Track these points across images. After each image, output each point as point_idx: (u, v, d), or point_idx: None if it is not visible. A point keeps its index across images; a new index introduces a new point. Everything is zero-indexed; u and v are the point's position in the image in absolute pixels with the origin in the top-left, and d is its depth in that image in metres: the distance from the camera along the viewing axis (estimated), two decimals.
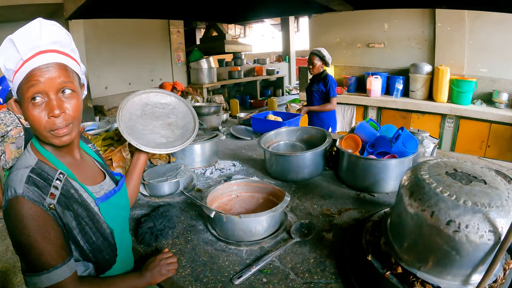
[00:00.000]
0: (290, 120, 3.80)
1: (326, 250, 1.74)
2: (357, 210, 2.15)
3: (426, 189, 1.31)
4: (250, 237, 1.78)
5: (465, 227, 1.18)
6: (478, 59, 7.05)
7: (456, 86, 6.73)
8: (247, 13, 5.85)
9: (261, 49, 21.12)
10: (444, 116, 6.81)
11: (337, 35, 8.43)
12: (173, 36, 10.57)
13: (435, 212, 1.24)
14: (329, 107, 4.99)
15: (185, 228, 2.01)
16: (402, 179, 1.48)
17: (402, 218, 1.39)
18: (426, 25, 7.39)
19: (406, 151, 2.38)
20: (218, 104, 4.32)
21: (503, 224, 1.19)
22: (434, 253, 1.27)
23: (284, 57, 16.18)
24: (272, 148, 2.96)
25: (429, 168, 1.45)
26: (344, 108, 7.55)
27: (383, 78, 7.54)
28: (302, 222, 1.94)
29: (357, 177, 2.47)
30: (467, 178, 1.38)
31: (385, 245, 1.49)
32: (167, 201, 2.37)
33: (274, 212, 1.77)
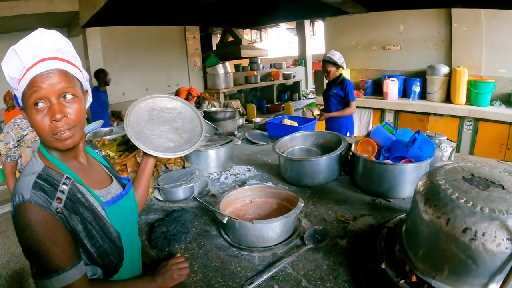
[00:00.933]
0: (306, 125, 3.78)
1: (340, 257, 1.71)
2: (372, 216, 2.12)
3: (442, 195, 1.28)
4: (263, 243, 1.77)
5: (482, 235, 1.14)
6: (496, 59, 6.88)
7: (474, 88, 6.60)
8: (262, 18, 5.86)
9: (277, 54, 21.15)
10: (463, 119, 6.68)
11: (352, 38, 8.39)
12: (189, 42, 10.69)
13: (450, 219, 1.21)
14: (348, 111, 4.95)
15: (198, 233, 2.01)
16: (417, 185, 1.45)
17: (417, 225, 1.36)
18: (442, 25, 7.27)
19: (423, 155, 2.34)
20: (234, 109, 4.32)
21: None
22: (449, 261, 1.24)
23: (300, 61, 16.19)
24: (287, 153, 2.94)
25: (445, 173, 1.41)
26: (360, 111, 7.49)
27: (400, 80, 7.46)
28: (316, 228, 1.92)
29: (372, 182, 2.43)
30: (484, 183, 1.34)
31: (399, 253, 1.46)
32: (181, 206, 2.38)
33: (287, 218, 1.75)
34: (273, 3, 4.65)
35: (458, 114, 6.70)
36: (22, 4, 6.33)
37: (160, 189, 2.47)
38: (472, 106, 6.64)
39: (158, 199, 2.48)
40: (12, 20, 6.65)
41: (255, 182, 2.69)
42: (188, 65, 10.88)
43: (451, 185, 1.31)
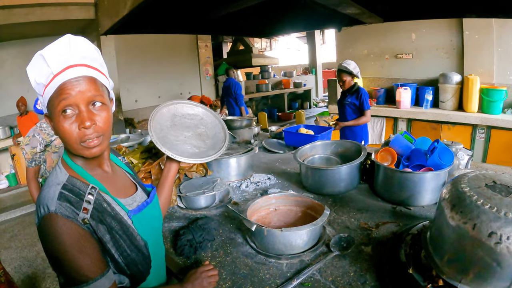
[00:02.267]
0: (323, 134, 3.82)
1: (366, 264, 1.74)
2: (395, 223, 2.15)
3: (467, 202, 1.33)
4: (290, 250, 1.79)
5: (507, 239, 1.19)
6: (507, 66, 6.87)
7: (486, 95, 6.59)
8: (274, 28, 5.91)
9: (288, 62, 21.17)
10: (475, 127, 6.68)
11: (364, 47, 8.43)
12: (201, 50, 10.77)
13: (477, 224, 1.25)
14: (364, 120, 4.99)
15: (224, 241, 2.04)
16: (442, 192, 1.49)
17: (443, 231, 1.40)
18: (453, 33, 7.28)
19: (442, 163, 2.37)
20: (250, 117, 4.36)
21: None
22: (475, 265, 1.28)
23: (311, 69, 16.21)
24: (307, 162, 2.98)
25: (469, 181, 1.46)
26: (373, 120, 7.52)
27: (412, 89, 7.47)
28: (341, 235, 1.94)
29: (393, 191, 2.46)
30: (506, 190, 1.39)
31: (425, 258, 1.50)
32: (203, 214, 2.40)
33: (315, 226, 1.78)
34: (287, 13, 4.71)
35: (471, 122, 6.69)
36: (37, 11, 6.38)
37: (182, 196, 2.51)
38: (485, 114, 6.63)
39: (180, 207, 2.51)
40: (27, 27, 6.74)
41: (278, 190, 2.72)
42: (200, 73, 10.96)
43: (476, 192, 1.36)
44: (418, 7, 4.24)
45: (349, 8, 3.56)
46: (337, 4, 3.41)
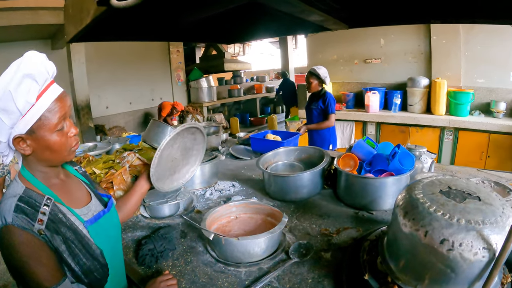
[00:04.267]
0: (289, 139, 3.83)
1: (324, 270, 1.75)
2: (355, 229, 2.16)
3: (420, 209, 1.34)
4: (249, 258, 1.79)
5: (459, 246, 1.21)
6: (474, 70, 7.10)
7: (453, 98, 6.78)
8: (245, 34, 5.90)
9: (260, 67, 21.22)
10: (443, 129, 6.84)
11: (334, 52, 8.52)
12: (173, 55, 10.69)
13: (428, 231, 1.26)
14: (326, 124, 5.02)
15: (185, 249, 2.02)
16: (397, 199, 1.51)
17: (398, 237, 1.41)
18: (421, 38, 7.47)
19: (403, 168, 2.41)
20: (218, 124, 4.33)
21: (497, 241, 1.21)
22: (429, 271, 1.29)
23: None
24: (270, 169, 2.98)
25: (423, 187, 1.48)
26: (343, 124, 7.59)
27: (381, 93, 7.59)
28: (300, 242, 1.95)
29: (355, 196, 2.49)
30: (461, 195, 1.40)
31: (381, 264, 1.51)
32: (167, 223, 2.37)
33: (272, 234, 1.78)
34: (256, 20, 4.71)
35: (439, 124, 6.86)
36: (7, 15, 6.26)
37: (146, 206, 2.48)
38: (452, 116, 6.82)
39: (144, 216, 2.47)
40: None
41: (240, 198, 2.71)
42: (172, 79, 10.86)
43: (429, 198, 1.38)
44: (382, 14, 4.29)
45: (313, 15, 3.58)
46: (299, 12, 3.42)
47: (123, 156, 2.86)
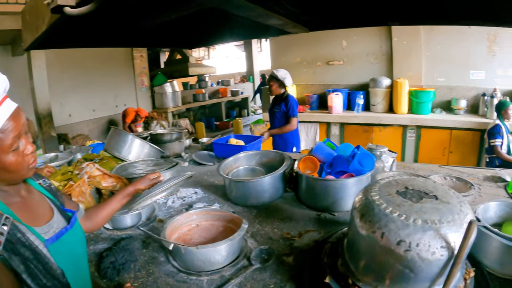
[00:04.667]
0: (252, 143, 3.82)
1: (287, 275, 1.75)
2: (317, 231, 2.18)
3: (376, 211, 1.35)
4: (210, 266, 1.78)
5: (416, 246, 1.22)
6: (435, 69, 7.40)
7: (415, 97, 6.99)
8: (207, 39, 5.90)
9: (226, 70, 21.25)
10: (406, 127, 7.05)
11: (297, 55, 8.62)
12: (136, 60, 10.52)
13: (385, 233, 1.27)
14: (288, 127, 5.03)
15: (147, 260, 1.98)
16: (354, 201, 1.52)
17: (356, 239, 1.42)
18: (383, 40, 7.68)
19: (363, 169, 2.45)
20: (180, 130, 4.28)
21: (456, 239, 1.23)
22: (389, 272, 1.30)
23: (248, 77, 16.33)
24: (232, 174, 2.96)
25: (379, 189, 1.49)
26: (307, 126, 7.67)
27: (344, 94, 7.73)
28: (262, 248, 1.95)
29: (316, 198, 2.50)
30: (418, 195, 1.43)
31: (342, 266, 1.51)
32: (129, 234, 2.32)
33: (232, 241, 1.77)
34: (217, 25, 4.71)
35: (401, 123, 7.07)
36: None
37: None
38: (414, 115, 7.05)
39: (106, 228, 2.41)
40: None
41: (201, 205, 2.67)
42: (136, 85, 10.68)
43: (385, 199, 1.39)
44: (341, 17, 4.36)
45: (272, 19, 3.60)
46: (257, 16, 3.44)
47: (82, 167, 2.80)
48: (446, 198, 1.41)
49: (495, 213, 2.00)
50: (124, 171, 2.90)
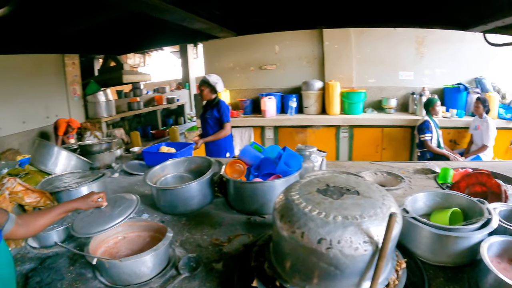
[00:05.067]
0: (182, 151, 3.80)
1: (216, 282, 1.74)
2: (247, 235, 2.19)
3: (295, 210, 1.36)
4: (137, 279, 1.74)
5: (338, 243, 1.23)
6: (365, 71, 7.85)
7: (346, 98, 7.30)
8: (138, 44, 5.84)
9: (163, 77, 20.89)
10: (339, 127, 7.33)
11: (230, 60, 8.69)
12: (68, 68, 10.03)
13: (305, 232, 1.28)
14: (223, 133, 5.05)
15: (74, 278, 1.89)
16: (274, 202, 1.53)
17: (279, 241, 1.43)
18: (315, 44, 7.97)
19: (290, 169, 2.49)
20: (110, 140, 4.16)
21: (379, 232, 1.26)
22: (315, 271, 1.31)
23: (184, 84, 16.18)
24: (160, 182, 2.92)
25: (300, 188, 1.51)
26: (241, 130, 7.73)
27: (277, 98, 7.88)
28: (189, 256, 1.93)
29: (245, 202, 2.52)
30: (339, 192, 1.46)
31: (269, 269, 1.51)
32: (56, 251, 2.20)
33: (156, 251, 1.74)
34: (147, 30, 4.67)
35: (334, 123, 7.34)
36: None
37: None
38: (346, 115, 7.37)
39: (33, 247, 2.32)
40: None
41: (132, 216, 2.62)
42: (68, 94, 10.19)
43: (305, 198, 1.41)
44: (269, 20, 4.45)
45: (197, 23, 3.62)
46: (182, 20, 3.44)
47: (2, 183, 2.68)
48: (368, 193, 1.46)
49: (425, 203, 2.12)
50: (50, 185, 2.77)
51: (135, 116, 12.77)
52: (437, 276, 1.69)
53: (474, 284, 1.59)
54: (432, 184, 3.10)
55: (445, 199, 2.10)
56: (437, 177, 3.17)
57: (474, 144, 6.31)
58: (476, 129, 6.18)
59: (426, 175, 3.31)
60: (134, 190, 3.19)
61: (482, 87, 7.44)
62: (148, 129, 12.54)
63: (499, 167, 3.39)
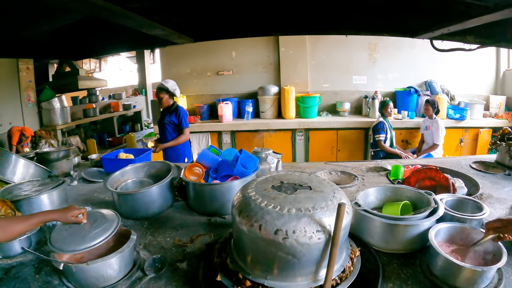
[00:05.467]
0: (141, 157, 3.82)
1: (182, 280, 1.82)
2: (208, 235, 2.29)
3: (252, 205, 1.49)
4: (104, 282, 1.78)
5: (293, 233, 1.36)
6: (320, 76, 8.20)
7: (301, 102, 7.55)
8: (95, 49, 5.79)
9: (119, 83, 20.35)
10: (294, 131, 7.53)
11: (187, 66, 8.74)
12: (22, 73, 9.58)
13: (262, 225, 1.41)
14: (183, 138, 5.13)
15: (41, 286, 1.90)
16: (233, 200, 1.65)
17: (239, 236, 1.54)
18: (271, 50, 8.21)
19: (246, 171, 2.62)
20: (67, 148, 4.12)
21: (330, 222, 1.40)
22: (274, 261, 1.43)
23: (141, 90, 15.97)
24: (120, 188, 2.92)
25: (256, 185, 1.64)
26: (198, 136, 7.79)
27: (234, 103, 8.01)
28: (154, 257, 2.00)
29: (205, 203, 2.62)
30: (292, 187, 1.61)
31: (231, 263, 1.62)
32: (20, 261, 2.18)
33: (122, 253, 1.79)
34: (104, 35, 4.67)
35: (290, 127, 7.55)
36: None
37: None
38: (302, 119, 7.63)
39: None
40: None
41: None
42: (21, 100, 9.77)
43: (261, 194, 1.54)
44: (226, 27, 4.55)
45: (155, 30, 3.67)
46: (140, 26, 3.49)
47: None
48: (320, 187, 1.61)
49: (376, 197, 2.31)
50: (9, 194, 2.75)
51: (91, 123, 12.37)
52: (390, 262, 1.87)
53: (425, 267, 1.78)
54: (384, 181, 3.32)
55: (395, 192, 2.30)
56: (389, 174, 3.38)
57: (425, 143, 6.72)
58: (427, 129, 6.58)
59: (378, 173, 3.52)
60: (94, 198, 3.19)
61: (432, 89, 7.91)
62: (104, 137, 12.24)
63: (448, 163, 3.69)
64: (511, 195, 2.81)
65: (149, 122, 15.18)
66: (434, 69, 8.25)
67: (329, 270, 1.41)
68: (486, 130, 7.37)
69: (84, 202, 3.06)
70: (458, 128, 7.38)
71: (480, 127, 7.38)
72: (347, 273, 1.58)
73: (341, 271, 1.55)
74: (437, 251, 1.65)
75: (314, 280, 1.46)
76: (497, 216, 2.33)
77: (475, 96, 8.17)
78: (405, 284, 1.72)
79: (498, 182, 3.18)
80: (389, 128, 6.36)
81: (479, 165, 3.68)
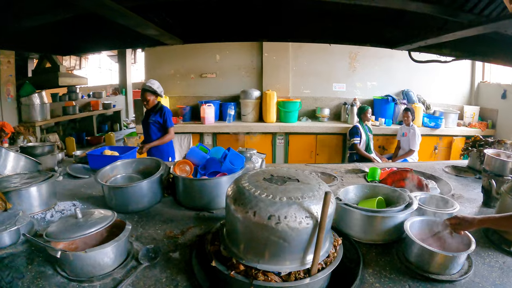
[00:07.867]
0: (127, 154, 3.85)
1: (175, 268, 1.91)
2: (199, 227, 2.38)
3: (247, 195, 1.61)
4: (100, 270, 1.83)
5: (284, 218, 1.50)
6: (301, 82, 8.43)
7: (282, 107, 7.74)
8: (83, 45, 5.75)
9: (98, 82, 20.14)
10: (275, 134, 7.71)
11: (171, 67, 8.80)
12: (3, 67, 9.25)
13: (256, 211, 1.53)
14: (168, 137, 5.19)
15: (35, 276, 1.90)
16: (227, 190, 1.76)
17: (234, 224, 1.65)
18: (254, 55, 8.39)
19: (234, 168, 2.75)
20: (52, 143, 4.12)
21: (317, 209, 1.55)
22: (266, 245, 1.56)
23: (121, 89, 15.83)
24: (110, 182, 2.95)
25: (249, 178, 1.77)
26: (180, 137, 7.85)
27: (216, 105, 8.12)
28: (148, 247, 2.06)
29: (194, 198, 2.71)
30: (282, 180, 1.75)
31: (224, 250, 1.73)
32: (10, 252, 2.17)
33: (118, 242, 1.85)
34: (94, 32, 4.70)
35: (271, 131, 7.72)
36: None
37: None
38: (282, 123, 7.82)
39: None
40: None
41: None
42: (1, 95, 9.53)
43: (254, 185, 1.67)
44: (215, 30, 4.67)
45: (149, 29, 3.75)
46: (135, 25, 3.56)
47: None
48: (307, 180, 1.77)
49: (355, 194, 2.51)
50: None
51: (70, 121, 12.19)
52: (369, 252, 2.07)
53: (402, 255, 1.98)
54: (362, 181, 3.51)
55: (372, 190, 2.51)
56: (367, 176, 3.57)
57: (401, 149, 7.05)
58: (404, 136, 6.89)
59: (356, 174, 3.72)
60: (81, 193, 3.21)
61: (409, 98, 8.21)
62: (83, 135, 12.16)
63: (422, 166, 3.94)
64: (480, 196, 3.00)
65: (129, 122, 15.07)
66: (411, 79, 8.60)
67: (317, 253, 1.56)
68: (459, 138, 7.74)
69: (71, 197, 3.07)
70: (433, 135, 7.75)
71: (454, 135, 7.76)
72: (332, 259, 1.74)
73: (327, 256, 1.69)
74: (412, 240, 1.86)
75: (302, 264, 1.59)
76: (467, 213, 2.61)
77: (450, 106, 8.56)
78: (384, 270, 1.90)
79: (469, 185, 3.42)
80: (364, 132, 6.66)
81: (451, 169, 3.92)
